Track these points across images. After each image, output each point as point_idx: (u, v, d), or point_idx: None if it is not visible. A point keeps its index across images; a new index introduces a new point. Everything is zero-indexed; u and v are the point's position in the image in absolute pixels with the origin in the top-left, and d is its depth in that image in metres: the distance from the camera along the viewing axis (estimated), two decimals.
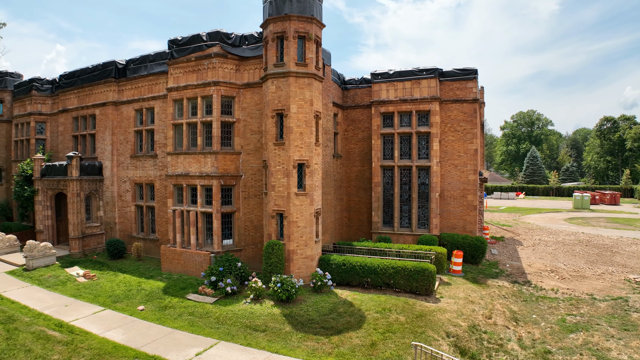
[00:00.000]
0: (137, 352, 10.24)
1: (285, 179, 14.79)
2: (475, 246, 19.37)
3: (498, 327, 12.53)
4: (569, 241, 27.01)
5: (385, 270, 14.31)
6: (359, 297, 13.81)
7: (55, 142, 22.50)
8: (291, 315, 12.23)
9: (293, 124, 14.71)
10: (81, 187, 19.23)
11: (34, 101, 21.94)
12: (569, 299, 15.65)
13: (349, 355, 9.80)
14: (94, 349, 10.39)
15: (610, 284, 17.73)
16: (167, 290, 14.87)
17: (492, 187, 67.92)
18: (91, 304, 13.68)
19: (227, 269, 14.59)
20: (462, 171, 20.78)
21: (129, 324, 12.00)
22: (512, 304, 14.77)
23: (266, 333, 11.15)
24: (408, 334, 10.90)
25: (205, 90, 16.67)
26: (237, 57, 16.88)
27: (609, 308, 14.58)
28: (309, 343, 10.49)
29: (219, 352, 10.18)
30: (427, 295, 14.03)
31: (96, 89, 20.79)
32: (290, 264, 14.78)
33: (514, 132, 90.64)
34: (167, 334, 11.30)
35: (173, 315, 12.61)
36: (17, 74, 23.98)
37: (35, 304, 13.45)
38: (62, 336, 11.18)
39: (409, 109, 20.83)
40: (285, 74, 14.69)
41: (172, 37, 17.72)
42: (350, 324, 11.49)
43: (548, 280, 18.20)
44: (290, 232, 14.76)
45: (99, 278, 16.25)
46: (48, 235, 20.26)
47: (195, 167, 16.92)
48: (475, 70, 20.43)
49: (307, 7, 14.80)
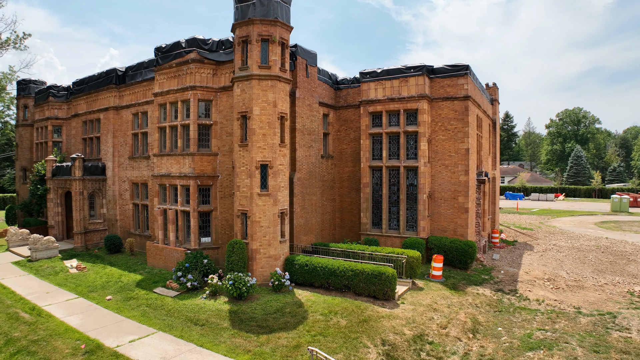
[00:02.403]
0: (82, 335, 11.16)
1: (248, 180, 15.12)
2: (462, 251, 18.53)
3: (449, 338, 11.93)
4: (586, 247, 24.90)
5: (344, 273, 14.18)
6: (314, 298, 13.82)
7: (70, 144, 24.57)
8: (237, 312, 12.55)
9: (256, 126, 15.00)
10: (84, 186, 20.87)
11: (51, 107, 24.11)
12: (550, 311, 14.50)
13: (267, 354, 9.92)
14: (49, 330, 11.48)
15: (608, 296, 16.20)
16: (141, 283, 15.79)
17: (531, 188, 63.94)
18: (70, 292, 14.91)
19: (192, 265, 15.21)
20: (452, 172, 19.93)
21: (90, 311, 12.98)
22: (480, 314, 13.97)
23: (203, 327, 11.56)
24: (339, 338, 10.79)
25: (184, 95, 17.43)
26: (214, 61, 17.46)
27: (590, 324, 13.32)
28: (236, 340, 10.74)
29: (151, 340, 10.78)
30: (385, 300, 13.71)
31: (101, 95, 22.43)
32: (253, 262, 15.10)
33: (560, 131, 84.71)
34: (117, 322, 12.11)
35: (132, 306, 13.42)
36: (41, 81, 26.44)
37: (22, 290, 14.92)
38: (30, 318, 12.41)
39: (396, 108, 20.33)
40: (248, 77, 15.00)
41: (157, 45, 18.69)
42: (287, 325, 11.58)
43: (538, 290, 16.98)
44: (253, 231, 15.08)
45: (88, 270, 17.60)
46: (58, 230, 22.22)
47: (176, 168, 17.76)
48: (467, 66, 19.49)
49: (270, 11, 15.00)
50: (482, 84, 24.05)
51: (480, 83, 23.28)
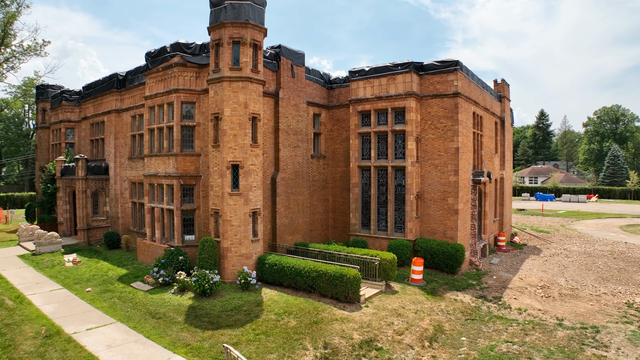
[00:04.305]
0: (49, 321, 11.99)
1: (220, 180, 15.43)
2: (449, 254, 17.86)
3: (400, 346, 11.47)
4: (599, 252, 23.17)
5: (309, 274, 14.12)
6: (277, 298, 13.88)
7: (80, 145, 26.15)
8: (196, 307, 12.87)
9: (226, 127, 15.28)
10: (87, 185, 22.15)
11: (64, 110, 25.79)
12: (528, 322, 13.58)
13: (204, 350, 10.11)
14: (23, 316, 12.44)
15: (601, 307, 15.01)
16: (123, 277, 16.55)
17: (563, 189, 60.26)
18: (57, 283, 15.92)
19: (168, 262, 15.74)
20: (442, 172, 19.25)
21: (67, 301, 13.82)
22: (448, 322, 13.34)
23: (158, 320, 11.98)
24: (280, 339, 10.79)
25: (169, 98, 18.05)
26: (196, 65, 17.94)
27: (566, 339, 12.33)
28: (183, 334, 11.04)
29: (107, 330, 11.40)
30: (348, 303, 13.50)
31: (105, 99, 23.69)
32: (224, 260, 15.40)
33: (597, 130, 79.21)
34: (85, 311, 12.83)
35: (105, 298, 14.13)
36: (58, 86, 28.34)
37: (16, 280, 16.11)
38: (13, 304, 13.46)
39: (384, 107, 19.92)
40: (220, 79, 15.31)
41: (147, 50, 19.48)
42: (236, 322, 11.73)
43: (525, 298, 16.02)
44: (224, 230, 15.37)
45: (83, 264, 18.67)
46: (67, 226, 23.74)
47: (162, 168, 18.43)
48: (456, 61, 18.76)
49: (241, 13, 15.21)
50: (483, 80, 23.00)
51: (479, 79, 22.30)
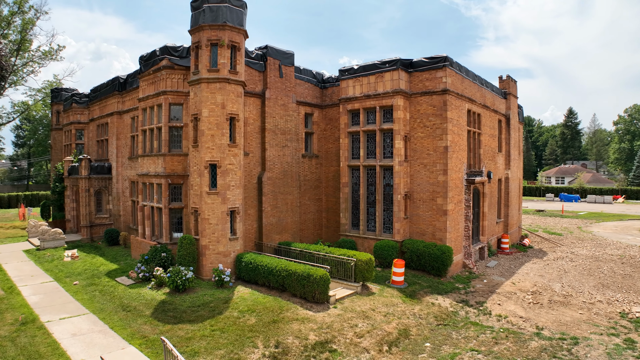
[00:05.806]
0: (29, 310, 12.76)
1: (199, 179, 15.77)
2: (435, 256, 17.43)
3: (357, 349, 11.17)
4: (607, 257, 21.87)
5: (280, 273, 14.19)
6: (248, 296, 14.03)
7: (89, 146, 27.40)
8: (166, 302, 13.23)
9: (204, 127, 15.59)
10: (90, 184, 23.20)
11: (74, 112, 27.12)
12: (503, 330, 12.94)
13: (158, 342, 10.39)
14: (9, 305, 13.28)
15: (590, 316, 14.15)
16: (112, 272, 17.23)
17: (589, 189, 57.23)
18: (49, 276, 16.79)
19: (151, 258, 16.25)
20: (431, 171, 18.80)
21: (53, 293, 14.58)
22: (416, 327, 12.90)
23: (127, 313, 12.42)
24: (233, 335, 10.92)
25: (158, 100, 18.61)
26: (183, 67, 18.38)
27: (538, 350, 11.58)
28: (144, 327, 11.40)
29: (77, 320, 11.99)
30: (316, 303, 13.45)
31: (108, 101, 24.73)
32: (203, 258, 15.73)
33: (628, 128, 74.52)
34: (65, 302, 13.50)
35: (88, 291, 14.78)
36: (71, 89, 29.82)
37: (14, 273, 17.13)
38: (3, 294, 14.37)
39: (373, 105, 19.68)
40: (198, 81, 15.65)
41: (140, 54, 20.17)
42: (197, 318, 11.97)
43: (509, 304, 15.32)
44: (202, 228, 15.70)
45: (80, 259, 19.59)
46: (73, 223, 24.96)
47: (152, 168, 19.04)
48: (445, 57, 18.25)
49: (219, 16, 15.48)
50: (484, 77, 22.23)
51: (476, 75, 21.58)
